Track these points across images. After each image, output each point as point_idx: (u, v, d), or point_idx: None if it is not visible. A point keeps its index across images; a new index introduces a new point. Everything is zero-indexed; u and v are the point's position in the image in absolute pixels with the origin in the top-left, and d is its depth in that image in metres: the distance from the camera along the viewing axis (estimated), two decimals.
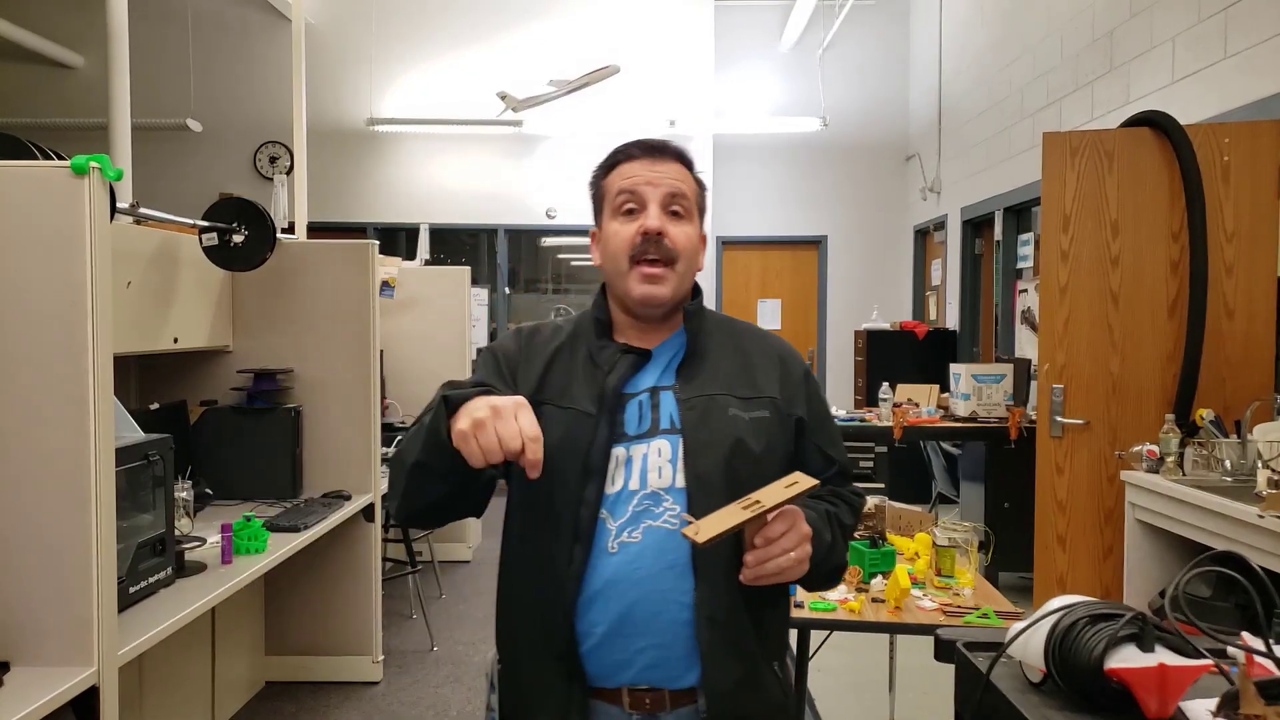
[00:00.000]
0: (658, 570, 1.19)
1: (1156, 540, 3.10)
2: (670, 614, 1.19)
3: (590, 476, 1.21)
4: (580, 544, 1.20)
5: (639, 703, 1.22)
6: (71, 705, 1.68)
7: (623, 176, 1.30)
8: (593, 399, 1.25)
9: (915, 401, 5.10)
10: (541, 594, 1.23)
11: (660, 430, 1.24)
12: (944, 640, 1.09)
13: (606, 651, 1.21)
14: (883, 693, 2.79)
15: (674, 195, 1.28)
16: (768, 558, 1.11)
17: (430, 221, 7.82)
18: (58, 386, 1.71)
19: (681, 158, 1.32)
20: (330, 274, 3.44)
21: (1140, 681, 0.82)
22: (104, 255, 1.74)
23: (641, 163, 1.30)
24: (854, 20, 7.83)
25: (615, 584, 1.19)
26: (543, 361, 1.30)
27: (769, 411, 1.28)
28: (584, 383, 1.27)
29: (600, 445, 1.22)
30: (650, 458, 1.23)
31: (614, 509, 1.22)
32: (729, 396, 1.26)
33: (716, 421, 1.24)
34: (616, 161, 1.32)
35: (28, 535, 1.71)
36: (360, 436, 3.45)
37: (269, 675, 3.56)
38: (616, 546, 1.20)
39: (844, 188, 8.27)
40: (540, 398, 1.25)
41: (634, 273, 1.26)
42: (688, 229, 1.29)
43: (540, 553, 1.24)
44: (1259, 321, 3.28)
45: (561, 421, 1.23)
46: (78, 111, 7.48)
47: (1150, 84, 4.15)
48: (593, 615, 1.20)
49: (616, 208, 1.29)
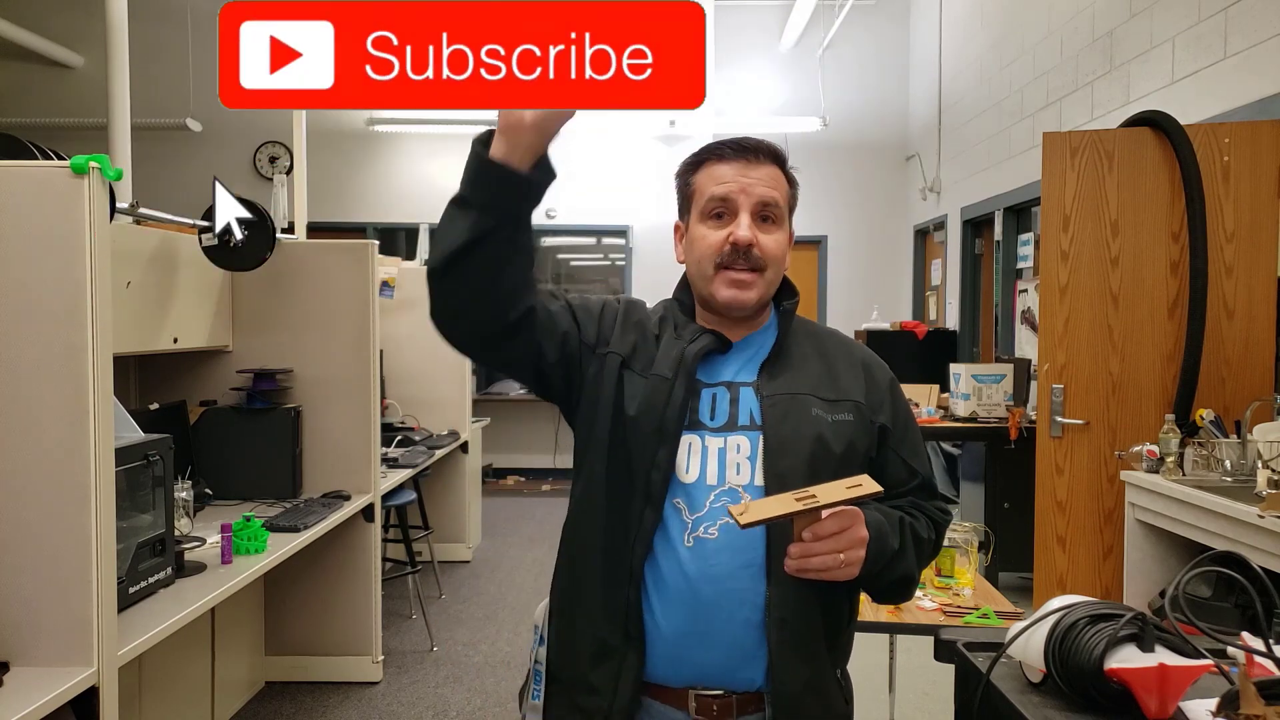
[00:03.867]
0: (733, 569, 1.18)
1: (1156, 540, 3.10)
2: (743, 614, 1.18)
3: (664, 441, 1.20)
4: (651, 507, 1.19)
5: (706, 708, 1.20)
6: (71, 705, 1.68)
7: (715, 180, 1.26)
8: (671, 367, 1.24)
9: (915, 401, 5.09)
10: (607, 550, 1.22)
11: (739, 426, 1.23)
12: (944, 640, 1.09)
13: (675, 647, 1.19)
14: (883, 693, 2.79)
15: (766, 203, 1.24)
16: (812, 553, 1.10)
17: (430, 221, 7.81)
18: (58, 386, 1.71)
19: (776, 158, 1.28)
20: (330, 274, 3.44)
21: (1140, 681, 0.82)
22: (104, 255, 1.74)
23: (734, 166, 1.25)
24: (854, 20, 7.82)
25: (689, 580, 1.18)
26: (635, 331, 1.30)
27: (852, 415, 1.25)
28: (666, 353, 1.26)
29: (675, 408, 1.21)
30: (729, 453, 1.22)
31: (689, 500, 1.20)
32: (812, 397, 1.24)
33: (799, 420, 1.22)
34: (705, 159, 1.29)
35: (28, 535, 1.71)
36: (360, 436, 3.45)
37: (269, 675, 3.56)
38: (692, 541, 1.19)
39: (844, 188, 8.27)
40: (628, 364, 1.26)
41: (720, 277, 1.25)
42: (777, 235, 1.26)
43: (611, 509, 1.23)
44: (1259, 321, 3.27)
45: (642, 388, 1.24)
46: (77, 111, 7.48)
47: (1150, 84, 4.14)
48: (664, 611, 1.19)
49: (706, 211, 1.26)
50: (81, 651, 1.72)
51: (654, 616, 1.20)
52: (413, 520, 4.59)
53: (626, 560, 1.19)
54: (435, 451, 4.47)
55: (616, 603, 1.20)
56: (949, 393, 5.00)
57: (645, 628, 1.20)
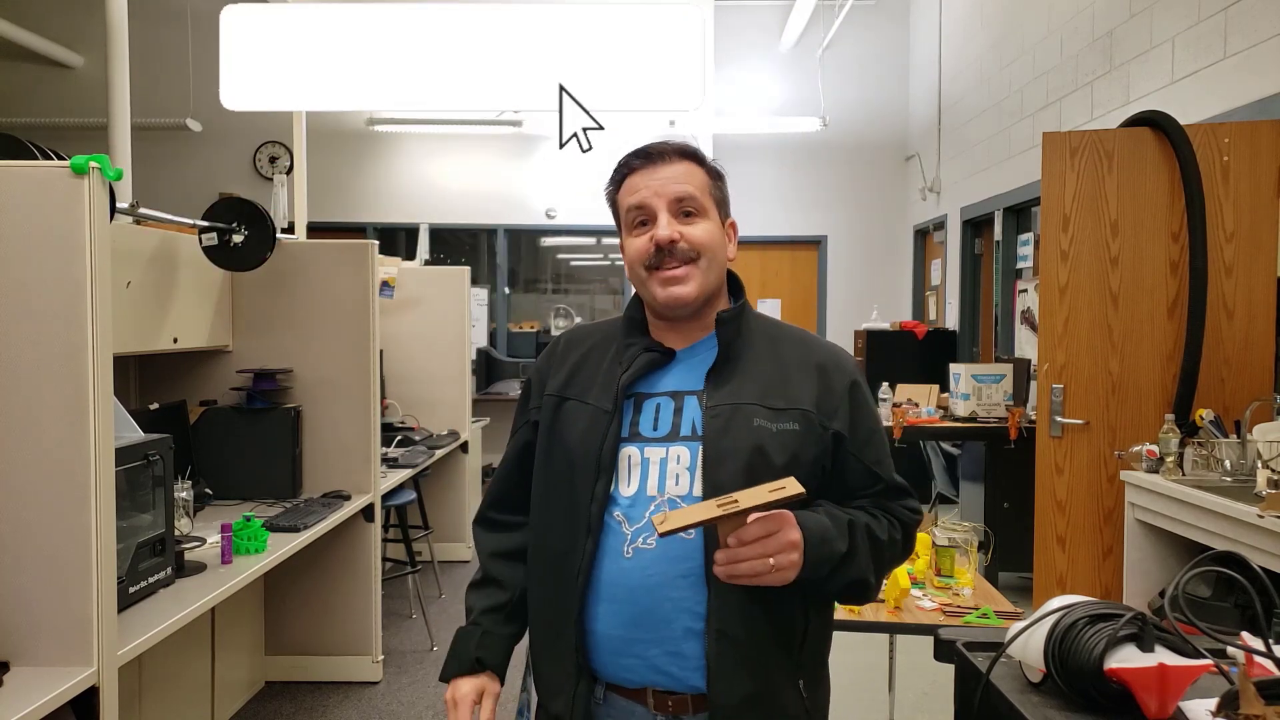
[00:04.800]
0: (671, 578, 1.18)
1: (1156, 540, 3.10)
2: (682, 623, 1.18)
3: (601, 472, 1.22)
4: (590, 538, 1.21)
5: (663, 705, 1.21)
6: (71, 705, 1.68)
7: (629, 191, 1.28)
8: (610, 396, 1.25)
9: (915, 401, 5.10)
10: (553, 586, 1.25)
11: (680, 436, 1.23)
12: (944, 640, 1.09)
13: (621, 654, 1.21)
14: (883, 693, 2.79)
15: (680, 199, 1.26)
16: (738, 559, 1.09)
17: (430, 221, 7.81)
18: (58, 386, 1.71)
19: (685, 153, 1.29)
20: (330, 274, 3.44)
21: (1140, 681, 0.82)
22: (104, 255, 1.74)
23: (642, 173, 1.27)
24: (854, 20, 7.82)
25: (628, 589, 1.19)
26: (573, 362, 1.33)
27: (798, 424, 1.22)
28: (606, 380, 1.28)
29: (610, 442, 1.22)
30: (669, 464, 1.22)
31: (630, 513, 1.21)
32: (757, 406, 1.22)
33: (739, 431, 1.20)
34: (622, 175, 1.31)
35: (28, 535, 1.71)
36: (360, 436, 3.45)
37: (269, 675, 3.56)
38: (631, 552, 1.20)
39: (844, 188, 8.27)
40: (565, 394, 1.29)
41: (653, 279, 1.26)
42: (704, 225, 1.27)
43: (553, 545, 1.26)
44: (1259, 321, 3.28)
45: (582, 417, 1.26)
46: (77, 111, 7.48)
47: (1150, 84, 4.15)
48: (606, 619, 1.21)
49: (629, 223, 1.29)
50: (81, 651, 1.72)
51: (599, 625, 1.21)
52: (413, 520, 4.59)
53: (570, 594, 1.22)
54: (435, 451, 4.47)
55: (567, 639, 1.23)
56: (949, 393, 5.01)
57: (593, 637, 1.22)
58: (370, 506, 3.47)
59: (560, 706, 1.24)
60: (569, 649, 1.22)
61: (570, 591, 1.22)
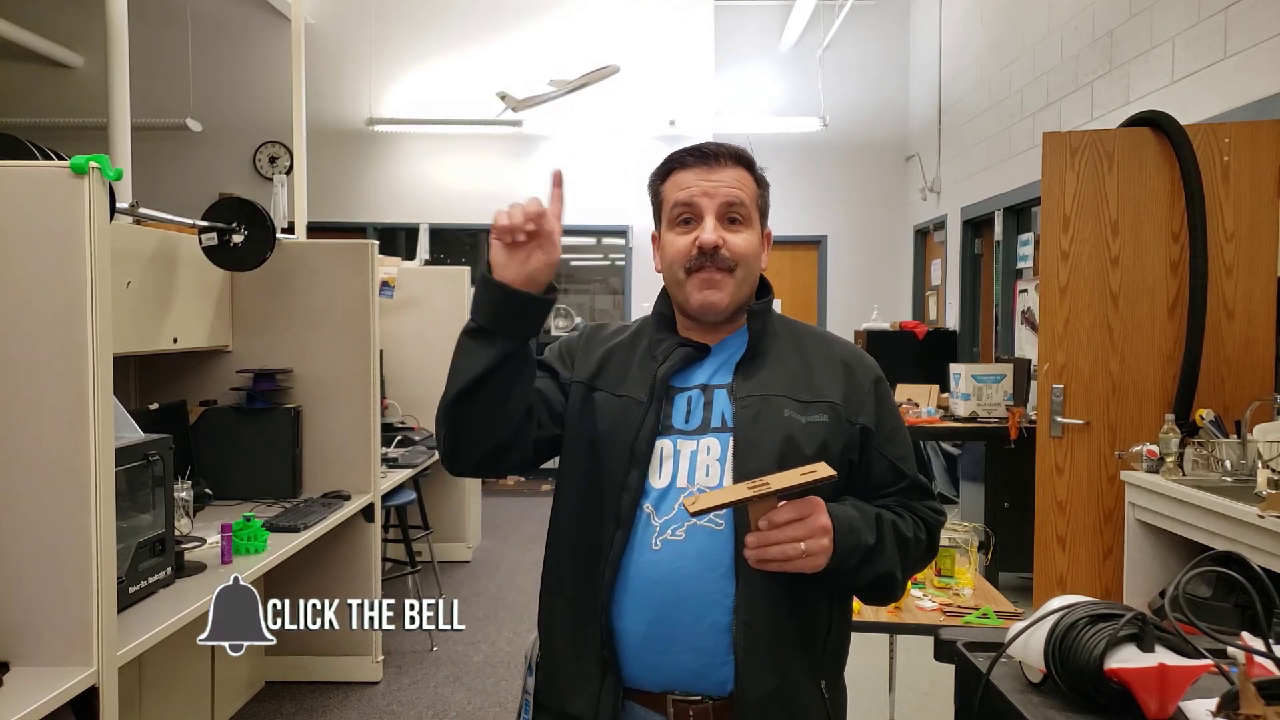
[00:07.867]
0: (699, 570, 1.18)
1: (1156, 540, 3.10)
2: (711, 617, 1.17)
3: (635, 463, 1.21)
4: (621, 529, 1.20)
5: (683, 713, 1.19)
6: (71, 705, 1.68)
7: (678, 186, 1.27)
8: (645, 387, 1.25)
9: (915, 401, 5.10)
10: (580, 579, 1.23)
11: (711, 428, 1.23)
12: (944, 640, 1.09)
13: (645, 651, 1.19)
14: (883, 693, 2.79)
15: (730, 204, 1.25)
16: (769, 542, 1.09)
17: (430, 221, 7.81)
18: (57, 387, 1.70)
19: (740, 159, 1.29)
20: (330, 274, 3.44)
21: (1140, 681, 0.82)
22: (104, 255, 1.74)
23: (696, 171, 1.26)
24: (854, 20, 7.82)
25: (656, 583, 1.18)
26: (602, 352, 1.32)
27: (827, 416, 1.23)
28: (639, 372, 1.27)
29: (647, 433, 1.22)
30: (699, 455, 1.22)
31: (659, 505, 1.21)
32: (785, 398, 1.23)
33: (769, 422, 1.21)
34: (671, 169, 1.30)
35: (27, 535, 1.71)
36: (360, 436, 3.45)
37: (269, 675, 3.56)
38: (660, 544, 1.19)
39: (844, 188, 8.27)
40: (595, 384, 1.29)
41: (691, 281, 1.25)
42: (747, 235, 1.27)
43: (582, 537, 1.24)
44: (1259, 321, 3.27)
45: (614, 408, 1.25)
46: (77, 111, 7.48)
47: (1150, 84, 4.15)
48: (632, 613, 1.19)
49: (673, 219, 1.28)
50: (81, 651, 1.72)
51: (624, 620, 1.20)
52: (413, 520, 4.59)
53: (598, 588, 1.20)
54: (435, 451, 4.47)
55: (593, 634, 1.20)
56: (949, 393, 5.00)
57: (618, 634, 1.20)
58: (370, 506, 3.47)
59: (581, 707, 1.20)
60: (593, 644, 1.20)
61: (597, 584, 1.20)
